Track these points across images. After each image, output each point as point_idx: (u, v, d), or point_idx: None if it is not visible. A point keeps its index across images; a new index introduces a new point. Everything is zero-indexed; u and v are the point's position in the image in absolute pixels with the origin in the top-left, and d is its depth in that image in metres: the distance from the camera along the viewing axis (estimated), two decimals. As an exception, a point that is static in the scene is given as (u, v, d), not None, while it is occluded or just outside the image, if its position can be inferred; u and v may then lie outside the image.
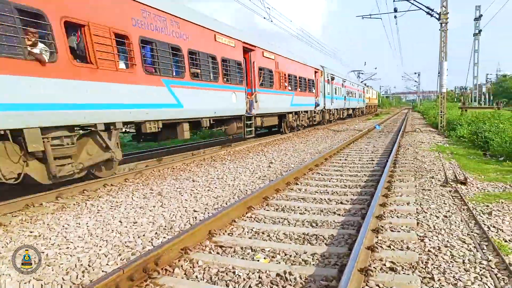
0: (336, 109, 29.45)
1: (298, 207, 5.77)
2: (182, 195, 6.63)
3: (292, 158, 10.76)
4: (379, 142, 14.44)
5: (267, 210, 5.72)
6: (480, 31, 28.72)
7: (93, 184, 7.54)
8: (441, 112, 19.62)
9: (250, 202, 5.74)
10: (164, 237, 4.55)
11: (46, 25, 6.06)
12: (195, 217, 5.35)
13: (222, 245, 4.33)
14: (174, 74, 9.32)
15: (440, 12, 17.68)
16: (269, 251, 4.14)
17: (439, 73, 18.81)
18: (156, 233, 4.75)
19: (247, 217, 5.36)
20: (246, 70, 13.60)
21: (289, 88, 17.91)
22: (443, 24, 17.71)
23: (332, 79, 26.78)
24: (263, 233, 4.71)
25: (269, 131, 19.77)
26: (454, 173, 7.83)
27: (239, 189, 7.04)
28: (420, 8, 18.36)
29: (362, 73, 67.62)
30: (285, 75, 17.22)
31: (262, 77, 14.72)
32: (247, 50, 13.59)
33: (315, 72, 22.67)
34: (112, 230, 4.89)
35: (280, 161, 10.16)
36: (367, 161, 9.92)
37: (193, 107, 10.10)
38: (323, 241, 4.37)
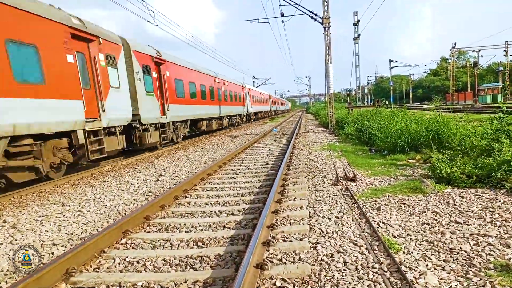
0: (254, 112, 40.58)
1: (185, 224, 5.09)
2: (43, 225, 5.42)
3: (185, 168, 10.00)
4: (274, 145, 14.46)
5: (148, 232, 4.93)
6: (359, 35, 31.33)
7: None
8: (330, 112, 20.68)
9: (127, 225, 4.89)
10: (0, 288, 3.49)
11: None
12: (52, 253, 4.31)
13: (81, 286, 3.46)
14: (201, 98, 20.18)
15: (322, 17, 18.59)
16: (142, 285, 3.40)
17: (326, 74, 19.76)
18: (-9, 282, 3.64)
19: (122, 244, 4.50)
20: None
21: (236, 101, 30.02)
22: (326, 28, 18.64)
23: (249, 91, 37.39)
24: (138, 262, 3.93)
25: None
26: (344, 170, 7.93)
27: (117, 210, 6.06)
28: (305, 13, 19.09)
29: (256, 79, 69.68)
30: (231, 92, 28.33)
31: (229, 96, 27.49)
32: (218, 82, 24.12)
33: (242, 88, 33.17)
34: None
35: (170, 173, 9.31)
36: (262, 165, 9.66)
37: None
38: (208, 264, 3.77)
